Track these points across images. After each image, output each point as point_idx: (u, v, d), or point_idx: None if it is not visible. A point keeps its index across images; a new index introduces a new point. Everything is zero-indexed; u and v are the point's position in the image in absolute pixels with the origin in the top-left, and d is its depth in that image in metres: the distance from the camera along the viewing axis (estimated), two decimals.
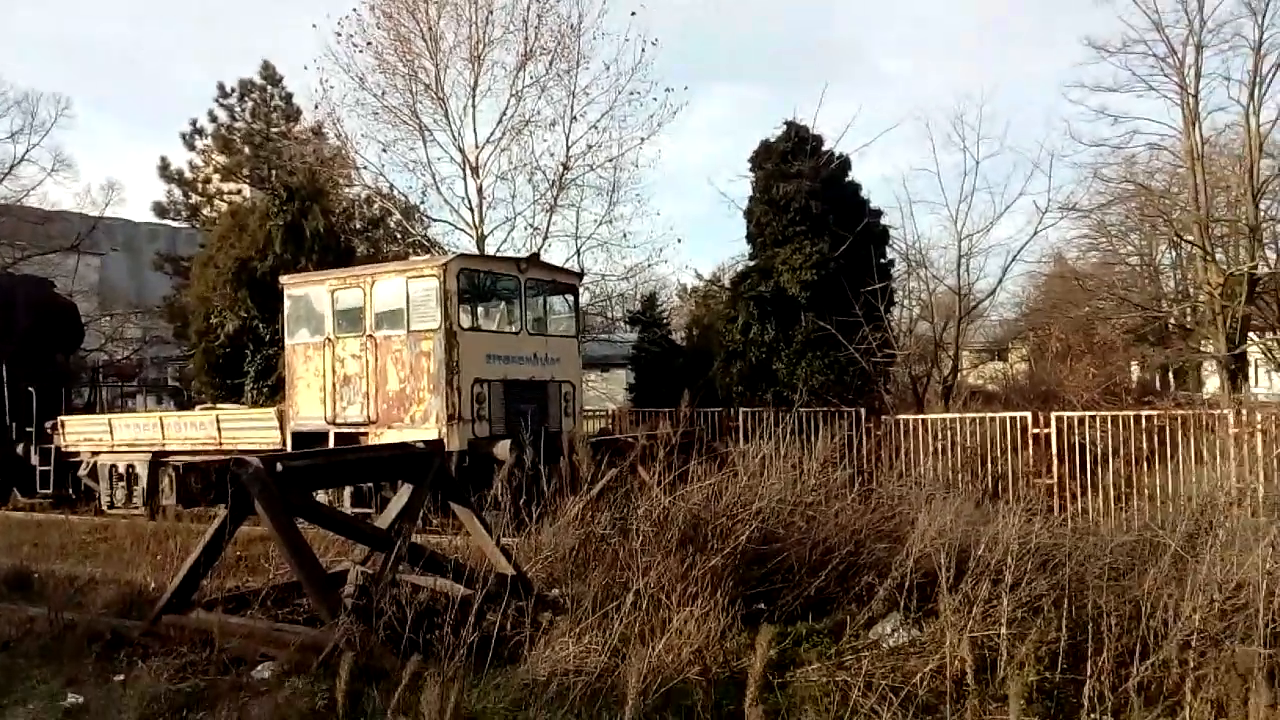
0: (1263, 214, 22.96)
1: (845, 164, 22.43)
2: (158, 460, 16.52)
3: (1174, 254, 33.34)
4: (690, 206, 72.16)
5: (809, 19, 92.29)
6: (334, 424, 14.51)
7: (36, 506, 19.56)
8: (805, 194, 21.30)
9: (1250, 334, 23.17)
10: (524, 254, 19.71)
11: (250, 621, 7.73)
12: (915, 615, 7.45)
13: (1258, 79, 22.53)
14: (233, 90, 32.16)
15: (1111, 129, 25.02)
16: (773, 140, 22.77)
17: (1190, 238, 23.39)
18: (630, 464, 12.64)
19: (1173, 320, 27.80)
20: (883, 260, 22.58)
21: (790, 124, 22.72)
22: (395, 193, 25.61)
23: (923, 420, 14.60)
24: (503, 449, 13.22)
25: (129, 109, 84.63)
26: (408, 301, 13.96)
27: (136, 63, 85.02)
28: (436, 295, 13.63)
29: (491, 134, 24.52)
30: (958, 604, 6.10)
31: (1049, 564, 6.33)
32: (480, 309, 15.82)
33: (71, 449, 18.33)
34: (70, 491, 18.56)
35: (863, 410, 14.81)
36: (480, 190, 24.97)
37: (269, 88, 32.26)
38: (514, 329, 15.10)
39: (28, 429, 19.10)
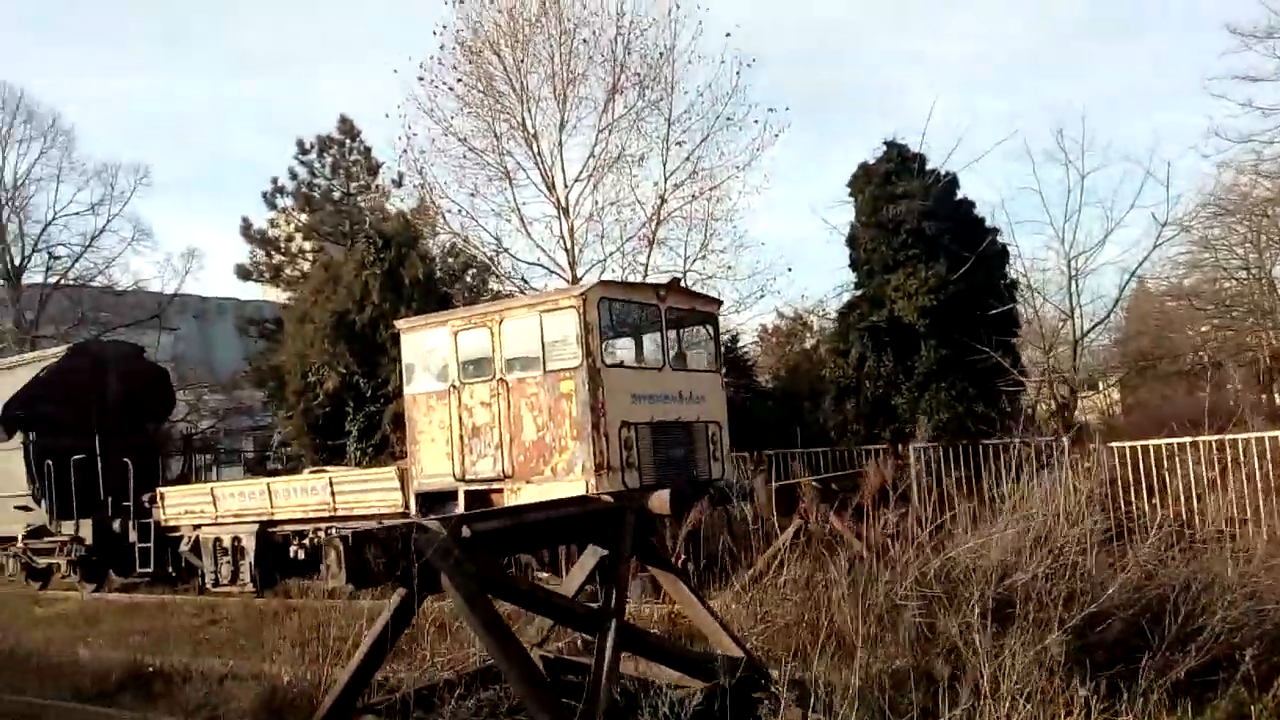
0: None
1: (953, 182, 20.90)
2: (265, 531, 15.13)
3: None
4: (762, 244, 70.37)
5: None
6: (463, 480, 12.89)
7: (133, 587, 18.33)
8: (917, 215, 19.77)
9: None
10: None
11: None
12: None
13: None
14: (312, 146, 31.53)
15: (1262, 122, 22.46)
16: (872, 162, 21.37)
17: None
18: (815, 516, 10.88)
19: None
20: (1004, 281, 20.92)
21: (891, 144, 21.29)
22: (484, 237, 24.37)
23: (1143, 447, 12.52)
24: (661, 501, 11.45)
25: (203, 177, 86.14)
26: (542, 339, 12.37)
27: (208, 130, 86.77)
28: (576, 330, 12.03)
29: (580, 173, 23.27)
30: None
31: None
32: (616, 344, 14.21)
33: (172, 522, 16.99)
34: (170, 569, 17.23)
35: (1065, 440, 12.79)
36: (572, 231, 23.69)
37: (347, 141, 31.55)
38: (656, 364, 13.43)
39: (124, 503, 17.83)
